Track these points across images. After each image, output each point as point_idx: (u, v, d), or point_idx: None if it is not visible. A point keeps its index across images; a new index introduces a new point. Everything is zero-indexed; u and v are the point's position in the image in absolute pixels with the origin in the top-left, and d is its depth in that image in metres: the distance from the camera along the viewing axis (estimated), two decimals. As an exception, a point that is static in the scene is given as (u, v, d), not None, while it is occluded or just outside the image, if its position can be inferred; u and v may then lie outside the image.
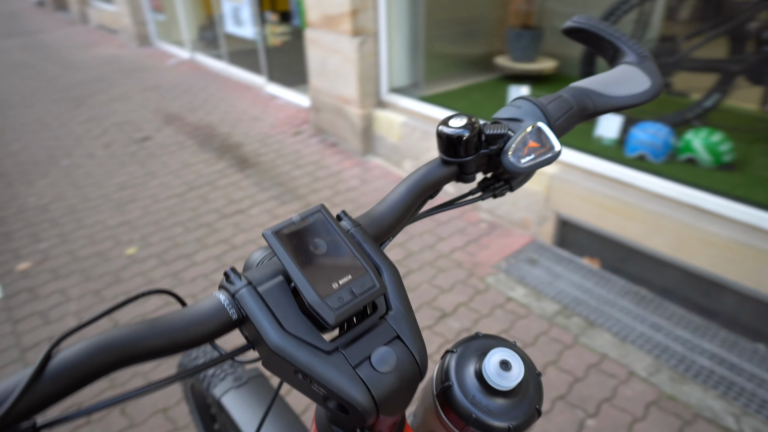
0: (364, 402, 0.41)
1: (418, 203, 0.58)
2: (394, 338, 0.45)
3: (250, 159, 3.73)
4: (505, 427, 0.49)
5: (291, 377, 0.44)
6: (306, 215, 0.46)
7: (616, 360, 2.01)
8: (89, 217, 3.12)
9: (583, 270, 2.50)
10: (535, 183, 2.66)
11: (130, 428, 1.87)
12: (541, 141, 0.59)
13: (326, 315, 0.41)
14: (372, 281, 0.44)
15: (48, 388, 0.35)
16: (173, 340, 0.41)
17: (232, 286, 0.44)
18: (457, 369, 0.52)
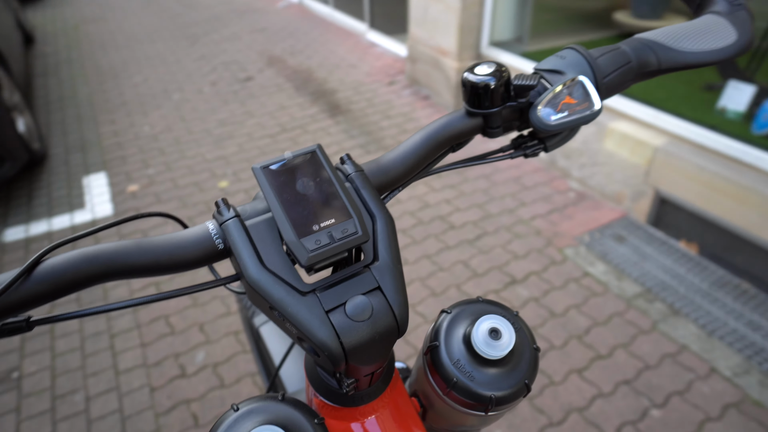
0: (332, 347, 0.41)
1: (435, 155, 0.55)
2: (375, 289, 0.44)
3: (342, 106, 3.78)
4: (486, 396, 0.47)
5: (269, 313, 0.45)
6: (300, 153, 0.45)
7: (697, 354, 1.84)
8: (191, 149, 3.37)
9: (676, 254, 2.28)
10: (636, 155, 2.43)
11: (207, 343, 2.06)
12: (579, 97, 0.53)
13: (300, 255, 0.41)
14: (355, 227, 0.43)
15: (35, 288, 0.39)
16: (157, 261, 0.43)
17: (220, 216, 0.45)
18: (448, 330, 0.51)
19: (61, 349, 2.09)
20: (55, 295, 0.40)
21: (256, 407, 0.43)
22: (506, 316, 0.51)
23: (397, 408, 0.53)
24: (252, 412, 0.43)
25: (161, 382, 1.92)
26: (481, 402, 0.48)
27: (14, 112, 3.01)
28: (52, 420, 1.81)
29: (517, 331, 0.50)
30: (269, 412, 0.43)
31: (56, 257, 0.40)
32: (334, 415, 0.52)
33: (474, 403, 0.48)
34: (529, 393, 0.54)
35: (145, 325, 2.16)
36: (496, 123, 0.55)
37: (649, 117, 2.46)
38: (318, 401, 0.54)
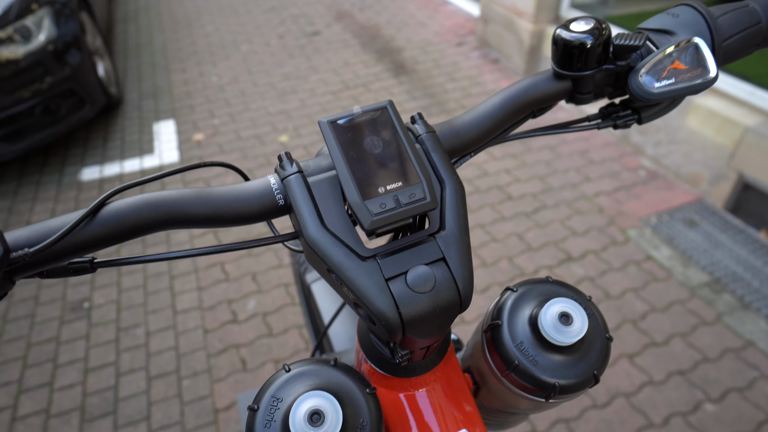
0: (390, 317, 0.39)
1: (514, 120, 0.51)
2: (439, 260, 0.41)
3: (407, 65, 3.69)
4: (550, 384, 0.45)
5: (326, 275, 0.43)
6: (370, 109, 0.42)
7: (764, 351, 1.72)
8: (255, 102, 3.42)
9: (754, 244, 2.10)
10: (722, 134, 2.23)
11: (258, 293, 2.14)
12: (691, 62, 0.46)
13: (363, 218, 0.39)
14: (423, 193, 0.40)
15: (98, 230, 0.39)
16: (217, 212, 0.42)
17: (282, 171, 0.43)
18: (512, 309, 0.48)
19: (127, 285, 2.24)
20: (117, 238, 0.40)
21: (307, 370, 0.42)
22: (578, 301, 0.47)
23: (450, 383, 0.52)
24: (304, 374, 0.42)
25: (214, 325, 2.02)
26: (543, 389, 0.45)
27: (95, 56, 3.16)
28: (116, 349, 1.96)
29: (589, 317, 0.46)
30: (321, 377, 0.42)
31: (120, 201, 0.40)
32: (383, 383, 0.51)
33: (535, 388, 0.45)
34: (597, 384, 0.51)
35: (202, 270, 2.27)
36: (588, 88, 0.50)
37: (744, 93, 2.23)
38: (368, 367, 0.52)
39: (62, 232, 0.37)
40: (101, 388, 1.83)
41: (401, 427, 0.49)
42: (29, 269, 0.38)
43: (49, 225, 0.38)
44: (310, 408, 0.38)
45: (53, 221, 0.38)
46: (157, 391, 1.80)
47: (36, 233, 0.37)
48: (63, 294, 2.20)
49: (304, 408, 0.38)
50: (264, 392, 0.41)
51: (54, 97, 2.78)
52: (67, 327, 2.06)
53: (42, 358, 1.95)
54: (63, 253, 0.39)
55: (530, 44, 3.29)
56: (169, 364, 1.89)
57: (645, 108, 0.53)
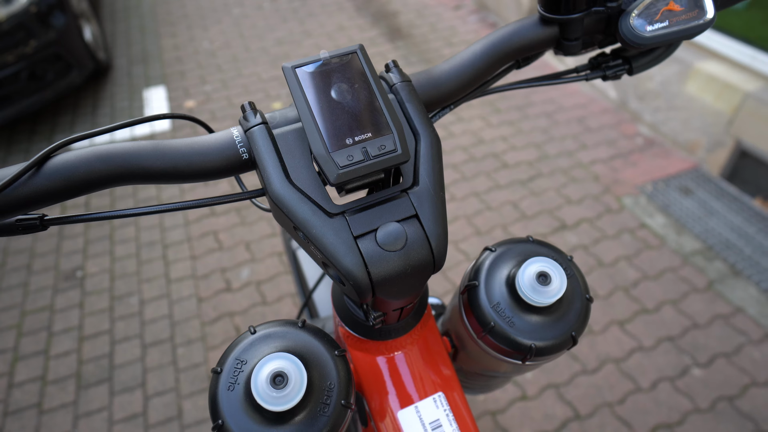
0: (359, 277, 0.37)
1: (496, 70, 0.48)
2: (412, 217, 0.39)
3: (403, 30, 3.60)
4: (526, 345, 0.43)
5: (293, 233, 0.41)
6: (338, 54, 0.39)
7: (753, 317, 1.73)
8: (247, 68, 3.34)
9: (748, 212, 2.10)
10: (722, 100, 2.19)
11: (252, 261, 2.13)
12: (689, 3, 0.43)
13: (329, 171, 0.36)
14: (394, 144, 0.37)
15: (45, 183, 0.36)
16: (175, 167, 0.39)
17: (246, 122, 0.40)
18: (490, 270, 0.46)
19: (120, 254, 2.23)
20: (66, 193, 0.37)
21: (273, 332, 0.41)
22: (558, 261, 0.45)
23: (427, 346, 0.50)
24: (269, 336, 0.41)
25: (208, 293, 2.03)
26: (520, 350, 0.44)
27: (81, 19, 3.07)
28: (110, 318, 1.97)
29: (569, 277, 0.45)
30: (287, 339, 0.41)
31: (68, 153, 0.38)
32: (359, 346, 0.50)
33: (511, 350, 0.44)
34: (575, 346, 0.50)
35: (195, 239, 2.26)
36: (576, 33, 0.46)
37: (746, 57, 2.18)
38: (343, 330, 0.51)
39: (2, 184, 0.35)
40: (96, 356, 1.84)
41: (377, 390, 0.48)
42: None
43: None
44: (273, 370, 0.36)
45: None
46: (151, 358, 1.82)
47: None
48: (56, 263, 2.20)
49: (267, 370, 0.37)
50: (228, 354, 0.40)
51: (40, 62, 2.71)
52: (60, 296, 2.07)
53: (36, 326, 1.96)
54: (6, 208, 0.36)
55: (529, 6, 3.20)
56: (163, 332, 1.90)
57: (637, 57, 0.50)
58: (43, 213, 0.40)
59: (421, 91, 0.45)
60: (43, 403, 1.71)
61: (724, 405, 1.52)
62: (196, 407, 1.66)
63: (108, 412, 1.67)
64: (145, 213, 0.41)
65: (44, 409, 1.69)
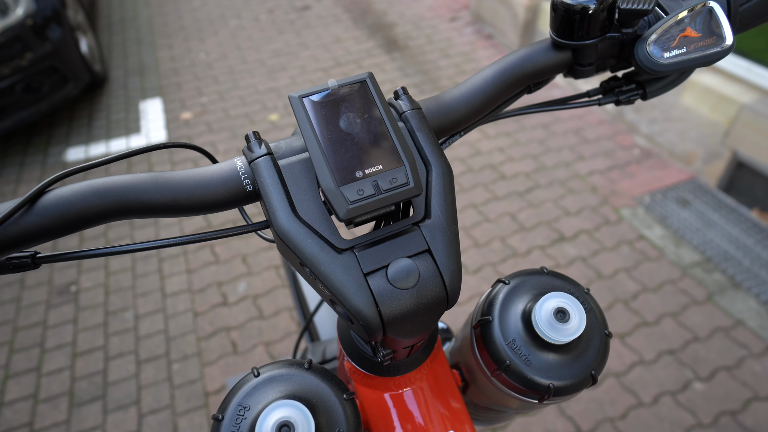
0: (369, 316, 0.35)
1: (508, 95, 0.46)
2: (424, 251, 0.37)
3: (400, 41, 3.61)
4: (544, 385, 0.41)
5: (299, 269, 0.39)
6: (347, 82, 0.38)
7: (753, 330, 1.72)
8: (244, 79, 3.34)
9: (746, 223, 2.09)
10: (718, 112, 2.20)
11: (249, 275, 2.11)
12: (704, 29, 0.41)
13: (338, 206, 0.35)
14: (406, 177, 0.36)
15: (39, 220, 0.35)
16: (176, 200, 0.37)
17: (251, 153, 0.38)
18: (504, 304, 0.44)
19: (115, 268, 2.21)
20: (61, 230, 0.36)
21: (278, 375, 0.39)
22: (576, 294, 0.43)
23: (436, 380, 0.48)
24: (274, 380, 0.39)
25: (204, 308, 2.00)
26: (537, 390, 0.41)
27: (78, 31, 3.06)
28: (104, 333, 1.94)
29: (587, 312, 0.43)
30: (292, 383, 0.39)
31: (63, 188, 0.36)
32: (366, 383, 0.48)
33: (527, 390, 0.42)
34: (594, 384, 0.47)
35: (191, 253, 2.24)
36: (589, 59, 0.45)
37: (741, 70, 2.19)
38: (349, 365, 0.49)
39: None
40: (90, 373, 1.81)
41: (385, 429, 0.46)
42: None
43: None
44: (279, 419, 0.34)
45: None
46: (146, 375, 1.79)
47: None
48: (49, 278, 2.17)
49: (273, 419, 0.35)
50: (230, 400, 0.38)
51: (35, 74, 2.70)
52: (54, 311, 2.04)
53: (29, 342, 1.93)
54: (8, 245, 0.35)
55: (525, 19, 3.22)
56: (158, 348, 1.88)
57: (651, 82, 0.48)
58: (35, 251, 0.38)
59: (431, 118, 0.44)
60: (35, 422, 1.68)
61: (726, 420, 1.51)
62: (191, 425, 1.64)
63: (101, 430, 1.64)
64: (142, 249, 0.39)
65: (36, 429, 1.66)
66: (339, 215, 0.35)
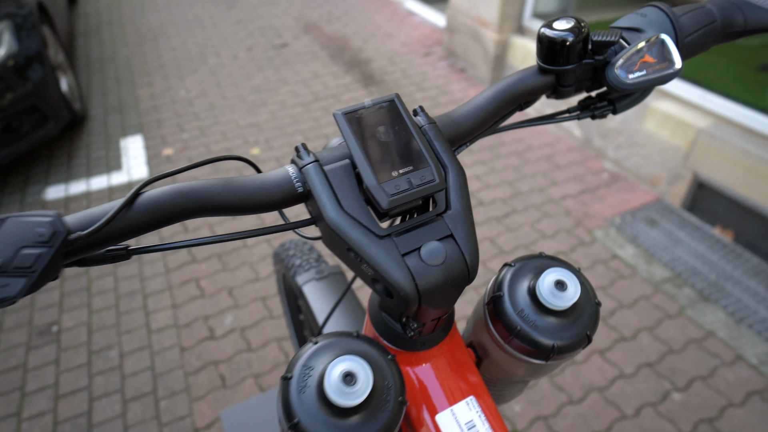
0: (408, 288, 0.43)
1: (504, 112, 0.55)
2: (448, 236, 0.45)
3: (376, 76, 3.74)
4: (549, 345, 0.49)
5: (345, 255, 0.46)
6: (379, 102, 0.46)
7: (724, 340, 1.81)
8: (225, 115, 3.40)
9: (710, 240, 2.21)
10: (678, 136, 2.34)
11: (236, 308, 2.12)
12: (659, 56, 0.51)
13: (380, 198, 0.42)
14: (432, 175, 0.44)
15: (135, 217, 0.41)
16: (243, 201, 0.45)
17: (300, 160, 0.46)
18: (512, 282, 0.52)
19: (98, 306, 2.19)
20: (153, 225, 0.42)
21: (334, 341, 0.45)
22: (571, 270, 0.52)
23: (455, 356, 0.55)
24: (331, 345, 0.45)
25: (191, 342, 2.00)
26: (543, 350, 0.49)
27: (58, 71, 3.09)
28: (88, 373, 1.92)
29: (581, 284, 0.51)
30: (347, 346, 0.45)
31: (154, 190, 0.43)
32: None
33: (535, 351, 0.50)
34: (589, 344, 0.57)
35: (176, 287, 2.25)
36: (569, 81, 0.55)
37: (696, 97, 2.36)
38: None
39: (108, 217, 0.39)
40: (74, 415, 1.78)
41: (413, 398, 0.52)
42: (77, 254, 0.40)
43: (92, 213, 0.40)
44: (344, 370, 0.41)
45: (95, 209, 0.41)
46: (133, 414, 1.77)
47: (82, 219, 0.40)
48: (29, 318, 2.14)
49: (338, 371, 0.41)
50: (295, 363, 0.44)
51: (16, 114, 2.70)
52: (34, 353, 2.01)
53: (8, 387, 1.89)
54: (106, 239, 0.41)
55: (495, 53, 3.39)
56: (145, 386, 1.86)
57: (619, 99, 0.58)
58: (127, 244, 0.45)
59: (445, 130, 0.52)
60: (20, 465, 1.64)
61: (705, 427, 1.57)
62: (182, 461, 1.62)
63: (89, 471, 1.61)
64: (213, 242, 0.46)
65: (20, 473, 1.62)
66: (382, 205, 0.43)
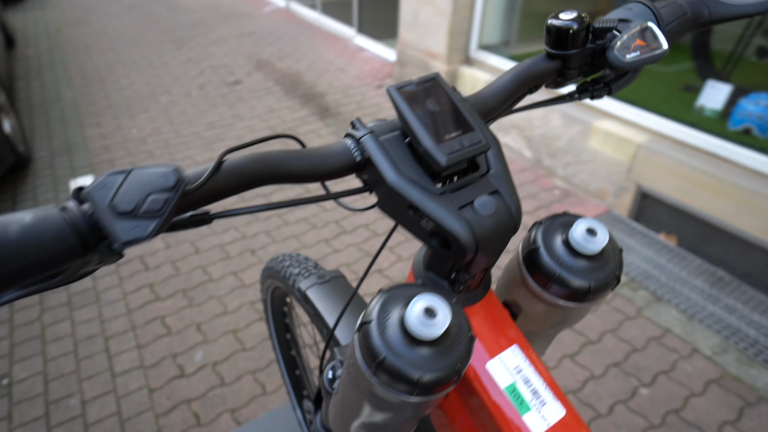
0: (466, 237, 0.47)
1: (519, 93, 0.62)
2: (494, 192, 0.50)
3: (332, 108, 3.82)
4: (585, 287, 0.53)
5: (403, 215, 0.50)
6: (424, 79, 0.51)
7: (680, 336, 1.93)
8: (180, 152, 3.37)
9: (657, 245, 2.38)
10: (620, 152, 2.53)
11: (205, 343, 2.07)
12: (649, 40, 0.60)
13: (439, 157, 0.47)
14: (479, 137, 0.49)
15: (223, 180, 0.44)
16: (310, 168, 0.48)
17: (357, 132, 0.50)
18: (545, 235, 0.57)
19: (53, 353, 2.08)
20: (235, 189, 0.45)
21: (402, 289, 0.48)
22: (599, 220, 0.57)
23: (493, 312, 0.59)
24: (400, 292, 0.47)
25: (160, 382, 1.93)
26: (580, 292, 0.54)
27: (1, 113, 2.99)
28: (46, 425, 1.80)
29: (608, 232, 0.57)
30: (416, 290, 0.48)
31: (235, 158, 0.45)
32: None
33: (573, 293, 0.54)
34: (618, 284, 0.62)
35: (140, 327, 2.17)
36: (574, 64, 0.62)
37: (632, 116, 2.56)
38: None
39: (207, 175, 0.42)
40: (37, 467, 1.67)
41: None
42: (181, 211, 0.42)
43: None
44: (424, 305, 0.43)
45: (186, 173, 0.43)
46: (103, 459, 1.68)
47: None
48: (-19, 370, 2.00)
49: (419, 306, 0.43)
50: (372, 310, 0.46)
51: (-43, 159, 2.58)
52: (-12, 406, 1.87)
53: (-38, 443, 1.75)
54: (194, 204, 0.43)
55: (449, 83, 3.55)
56: None
57: (614, 80, 0.67)
58: (208, 209, 0.46)
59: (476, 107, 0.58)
60: None
61: (673, 418, 1.66)
62: (159, 505, 1.54)
63: None
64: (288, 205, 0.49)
65: None
66: (440, 163, 0.47)
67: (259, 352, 2.03)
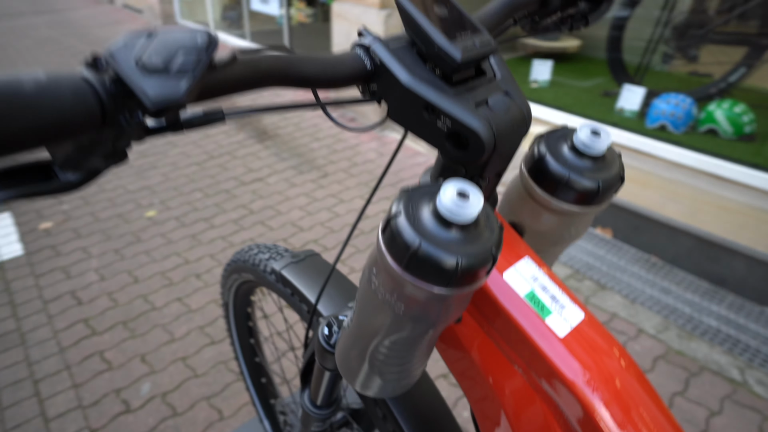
0: (485, 132, 0.46)
1: (505, 20, 0.64)
2: (505, 93, 0.51)
3: (270, 131, 3.78)
4: (594, 187, 0.53)
5: (418, 118, 0.49)
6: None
7: (625, 319, 2.03)
8: (110, 182, 3.19)
9: (595, 239, 2.51)
10: (551, 153, 2.68)
11: (152, 374, 1.93)
12: None
13: (454, 53, 0.46)
14: (489, 39, 0.50)
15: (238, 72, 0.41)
16: (322, 73, 0.46)
17: (365, 40, 0.49)
18: (549, 144, 0.57)
19: (-22, 400, 1.86)
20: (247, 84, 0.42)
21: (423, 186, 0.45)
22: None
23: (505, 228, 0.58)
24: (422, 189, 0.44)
25: (102, 421, 1.77)
26: (590, 192, 0.53)
27: None
28: (-25, 477, 1.60)
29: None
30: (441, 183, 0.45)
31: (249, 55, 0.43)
32: None
33: (583, 195, 0.54)
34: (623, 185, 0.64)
35: (76, 365, 1.99)
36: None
37: (561, 119, 2.73)
38: None
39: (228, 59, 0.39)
40: None
41: None
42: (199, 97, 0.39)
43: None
44: (456, 189, 0.41)
45: None
46: None
47: None
48: None
49: (451, 189, 0.41)
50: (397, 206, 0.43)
51: None
52: None
53: None
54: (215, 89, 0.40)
55: (380, 102, 3.63)
56: (52, 477, 1.60)
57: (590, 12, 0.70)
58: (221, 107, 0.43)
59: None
60: None
61: (628, 395, 1.73)
62: None
63: None
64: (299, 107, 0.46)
65: None
66: (457, 58, 0.46)
67: (212, 377, 1.92)
